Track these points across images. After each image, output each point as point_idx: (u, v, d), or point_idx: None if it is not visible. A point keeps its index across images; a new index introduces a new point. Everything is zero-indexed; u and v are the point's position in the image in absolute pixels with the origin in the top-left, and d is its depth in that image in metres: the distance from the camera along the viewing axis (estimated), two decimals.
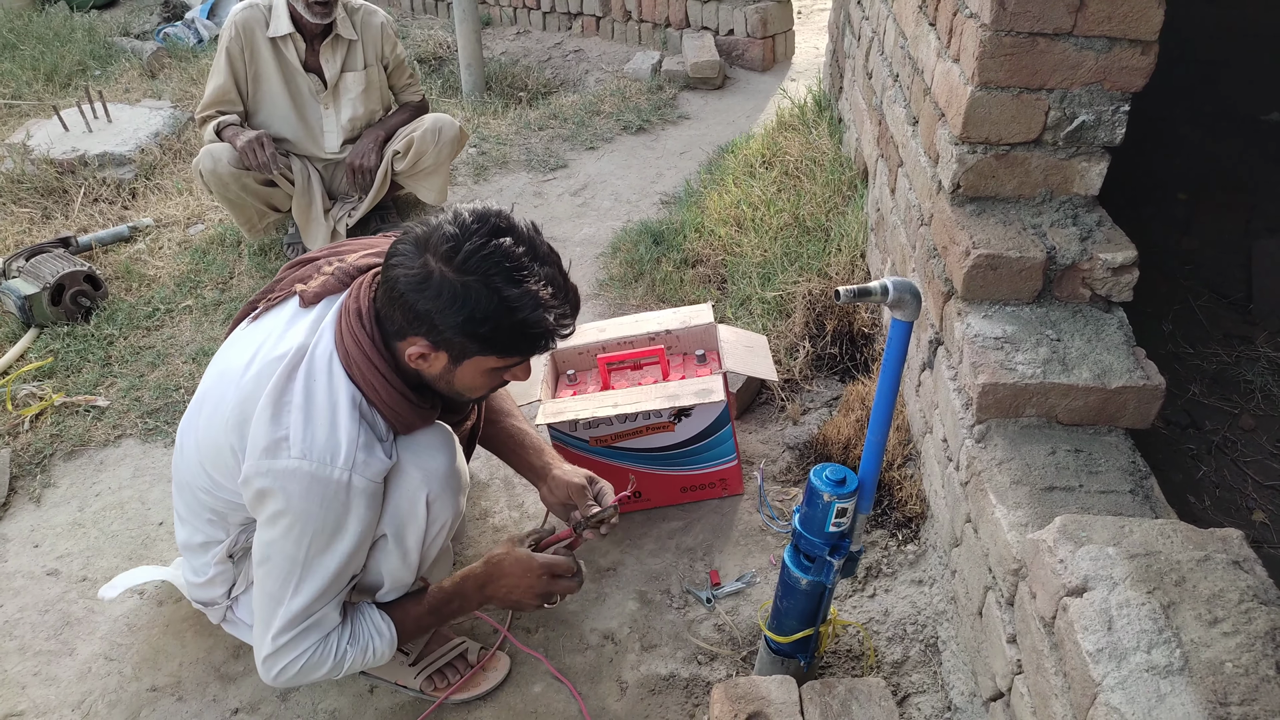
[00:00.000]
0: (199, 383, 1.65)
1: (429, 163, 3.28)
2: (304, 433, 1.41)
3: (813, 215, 2.99)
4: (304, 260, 1.68)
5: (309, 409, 1.42)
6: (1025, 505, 1.45)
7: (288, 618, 1.49)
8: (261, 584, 1.51)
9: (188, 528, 1.72)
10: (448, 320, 1.37)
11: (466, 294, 1.35)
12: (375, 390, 1.46)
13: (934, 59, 1.98)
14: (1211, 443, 2.24)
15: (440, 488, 1.58)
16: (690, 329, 2.25)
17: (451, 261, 1.36)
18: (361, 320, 1.46)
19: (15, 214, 3.68)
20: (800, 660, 1.67)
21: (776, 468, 2.29)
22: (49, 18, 6.25)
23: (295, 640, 1.51)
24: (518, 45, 5.60)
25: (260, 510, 1.47)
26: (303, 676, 1.54)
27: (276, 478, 1.41)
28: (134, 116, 4.34)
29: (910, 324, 1.34)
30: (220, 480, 1.56)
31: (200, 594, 1.80)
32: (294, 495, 1.41)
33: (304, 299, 1.55)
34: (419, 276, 1.36)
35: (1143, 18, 1.59)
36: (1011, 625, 1.42)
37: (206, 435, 1.55)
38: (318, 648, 1.53)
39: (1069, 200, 1.78)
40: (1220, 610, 1.11)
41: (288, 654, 1.51)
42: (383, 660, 1.63)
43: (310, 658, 1.53)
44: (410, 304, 1.38)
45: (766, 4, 4.76)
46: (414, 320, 1.40)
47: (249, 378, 1.47)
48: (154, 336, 2.98)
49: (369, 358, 1.45)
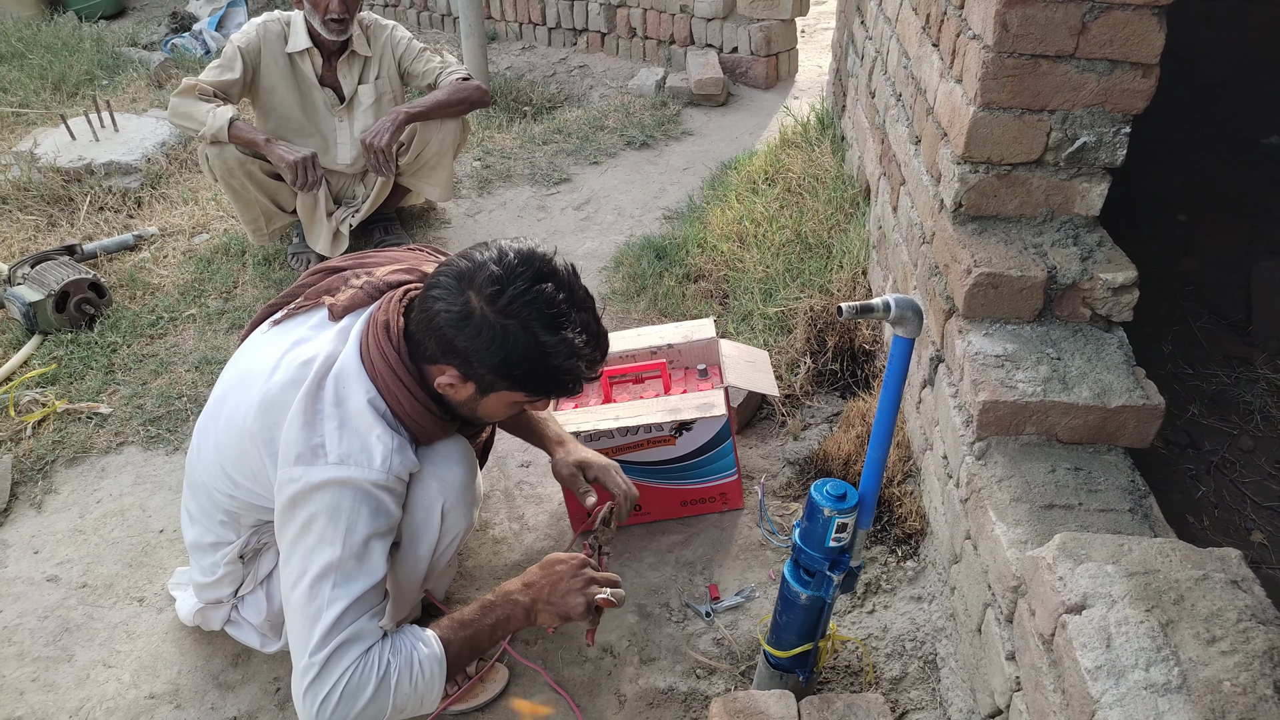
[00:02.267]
0: (205, 389, 1.66)
1: (433, 152, 3.28)
2: (339, 438, 1.41)
3: (815, 232, 3.01)
4: (328, 269, 1.69)
5: (342, 416, 1.44)
6: (1025, 523, 1.46)
7: (325, 628, 1.38)
8: (298, 606, 1.41)
9: (198, 527, 1.73)
10: (484, 359, 1.40)
11: (506, 336, 1.38)
12: (400, 403, 1.48)
13: (937, 79, 2.00)
14: (1210, 463, 2.25)
15: (456, 499, 1.59)
16: (692, 343, 2.26)
17: (495, 303, 1.38)
18: (389, 335, 1.48)
19: (21, 221, 3.70)
20: (799, 675, 1.67)
21: (777, 483, 2.30)
22: (57, 27, 6.29)
23: (335, 657, 1.38)
24: (523, 60, 5.64)
25: (291, 519, 1.42)
26: (346, 707, 1.38)
27: (313, 484, 1.39)
28: (140, 126, 4.36)
29: (912, 341, 1.35)
30: (241, 480, 1.56)
31: (207, 594, 1.80)
32: (331, 500, 1.40)
33: (334, 313, 1.56)
34: (460, 314, 1.39)
35: (1144, 41, 1.60)
36: (1010, 642, 1.42)
37: (227, 436, 1.55)
38: (359, 665, 1.39)
39: (1070, 220, 1.80)
40: (1218, 629, 1.12)
41: (329, 676, 1.37)
42: (433, 681, 1.46)
43: (352, 677, 1.39)
44: (448, 338, 1.41)
45: (770, 23, 4.80)
46: (449, 352, 1.43)
47: (275, 381, 1.48)
48: (157, 345, 2.99)
49: (395, 372, 1.47)
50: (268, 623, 1.80)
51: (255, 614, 1.80)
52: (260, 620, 1.80)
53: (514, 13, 5.90)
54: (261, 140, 3.00)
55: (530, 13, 5.79)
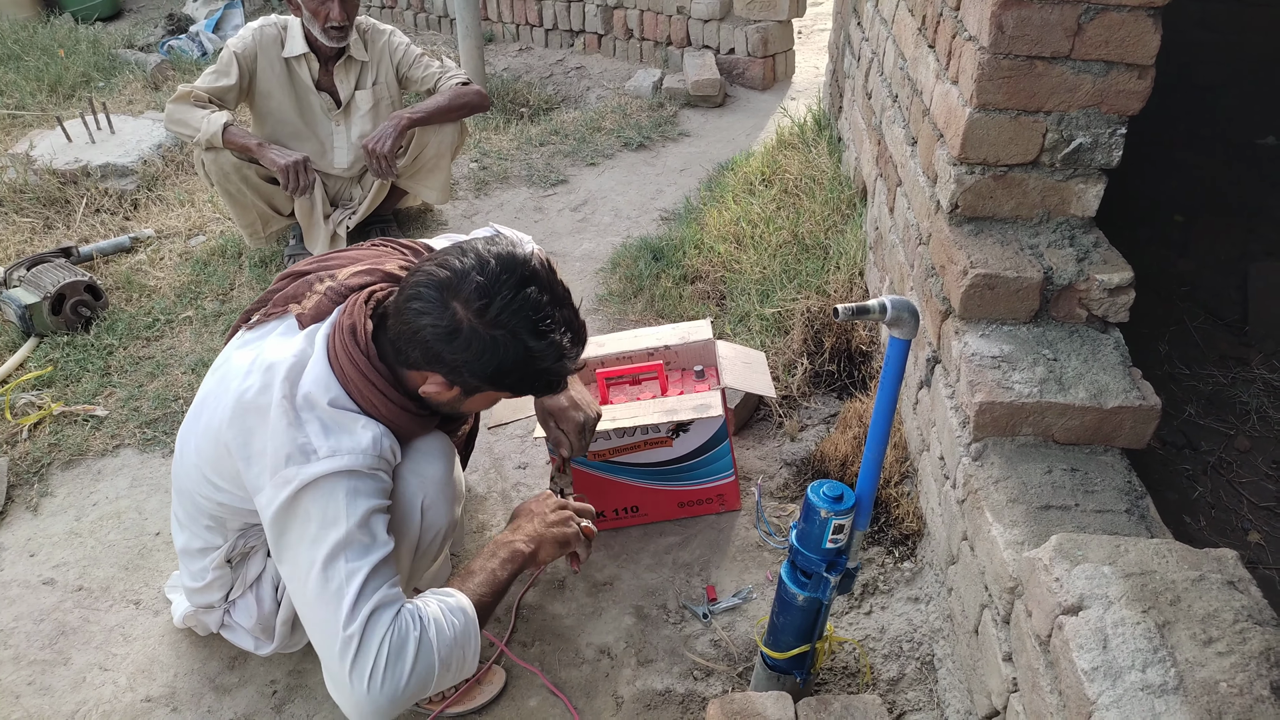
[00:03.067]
0: (198, 393, 1.66)
1: (431, 154, 3.28)
2: (325, 436, 1.42)
3: (811, 233, 3.01)
4: (294, 273, 1.70)
5: (321, 417, 1.44)
6: (1021, 524, 1.46)
7: (352, 601, 1.34)
8: (315, 593, 1.37)
9: (186, 533, 1.73)
10: (474, 370, 1.42)
11: (496, 347, 1.40)
12: (374, 406, 1.48)
13: (933, 80, 2.00)
14: (1207, 463, 2.25)
15: (436, 494, 1.59)
16: (689, 345, 2.26)
17: (484, 316, 1.38)
18: (358, 341, 1.48)
19: (17, 224, 3.69)
20: (796, 677, 1.67)
21: (774, 484, 2.30)
22: (54, 29, 6.28)
23: (370, 626, 1.34)
24: (520, 62, 5.64)
25: (291, 518, 1.40)
26: (394, 672, 1.34)
27: (308, 480, 1.39)
28: (137, 128, 4.36)
29: (908, 342, 1.35)
30: (220, 484, 1.57)
31: (198, 598, 1.80)
32: (326, 489, 1.40)
33: (302, 322, 1.57)
34: (448, 329, 1.39)
35: (1140, 43, 1.61)
36: (1007, 643, 1.42)
37: (206, 441, 1.56)
38: (393, 628, 1.36)
39: (1066, 221, 1.80)
40: (1215, 630, 1.12)
41: (369, 647, 1.33)
42: (468, 629, 1.45)
43: (392, 640, 1.35)
44: (436, 352, 1.41)
45: (767, 24, 4.80)
46: (435, 362, 1.43)
47: (247, 387, 1.48)
48: (153, 347, 2.98)
49: (367, 377, 1.47)
50: (259, 625, 1.79)
51: (246, 618, 1.79)
52: (251, 624, 1.79)
53: (511, 14, 5.90)
54: (254, 144, 3.01)
55: (527, 14, 5.79)
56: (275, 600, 1.77)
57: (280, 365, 1.47)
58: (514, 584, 1.64)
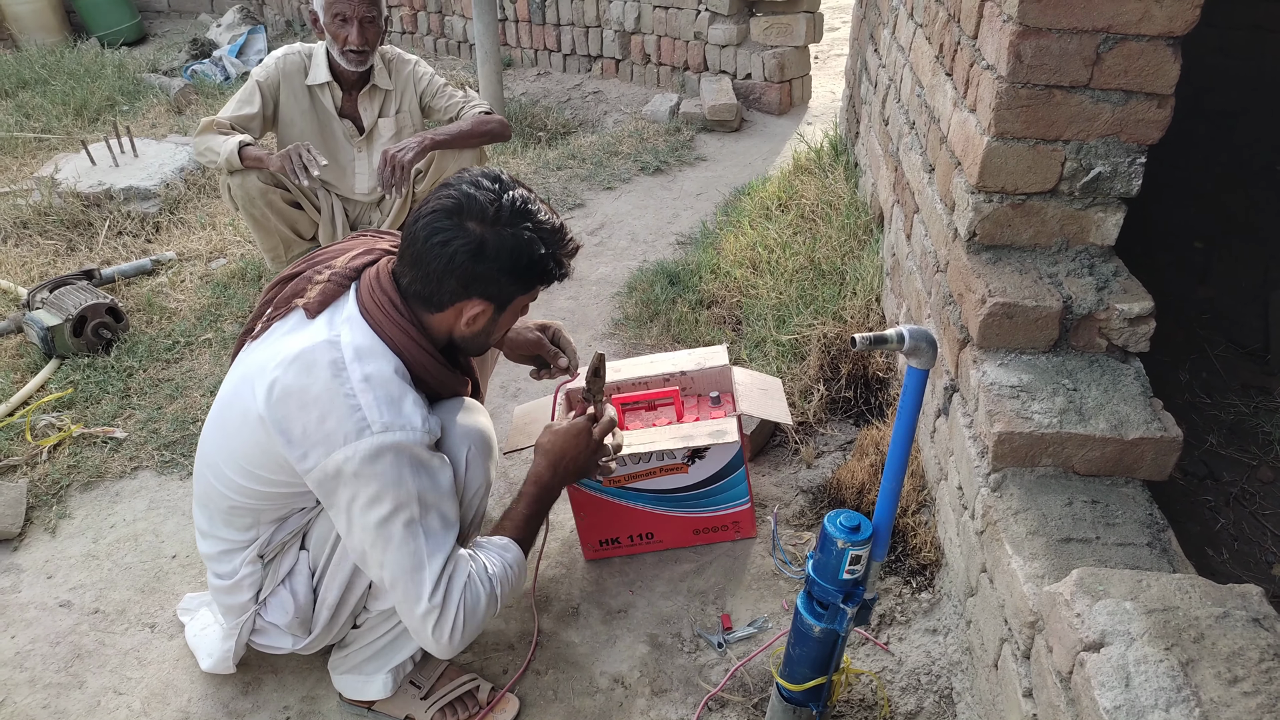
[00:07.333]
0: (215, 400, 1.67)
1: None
2: (379, 409, 1.47)
3: (828, 259, 3.00)
4: (284, 278, 1.70)
5: (374, 388, 1.48)
6: (1042, 556, 1.44)
7: (433, 580, 1.51)
8: (394, 566, 1.51)
9: (211, 540, 1.72)
10: (505, 269, 1.54)
11: (516, 243, 1.53)
12: (419, 361, 1.57)
13: (950, 109, 2.00)
14: (1230, 494, 2.22)
15: (478, 448, 1.68)
16: (705, 370, 2.26)
17: (498, 223, 1.52)
18: (392, 301, 1.56)
19: (41, 246, 3.74)
20: (813, 709, 1.65)
21: (790, 511, 2.28)
22: (80, 54, 6.39)
23: (448, 596, 1.52)
24: (538, 86, 5.68)
25: (359, 489, 1.48)
26: (470, 623, 1.55)
27: (368, 457, 1.45)
28: (160, 152, 4.41)
29: (926, 372, 1.34)
30: (261, 473, 1.57)
31: (227, 598, 1.76)
32: (392, 463, 1.46)
33: (309, 310, 1.58)
34: (476, 244, 1.51)
35: (1159, 72, 1.60)
36: (1028, 679, 1.40)
37: (238, 439, 1.57)
38: (466, 591, 1.54)
39: (1085, 250, 1.79)
40: (1240, 669, 1.10)
41: (449, 612, 1.52)
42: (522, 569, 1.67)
43: (466, 601, 1.54)
44: (469, 270, 1.52)
45: (784, 49, 4.82)
46: (471, 283, 1.53)
47: (282, 370, 1.49)
48: (173, 369, 3.01)
49: (408, 334, 1.56)
50: (296, 620, 1.74)
51: (282, 614, 1.74)
52: (289, 619, 1.74)
53: (529, 39, 5.96)
54: (265, 155, 3.04)
55: (545, 39, 5.85)
56: (311, 592, 1.73)
57: (307, 352, 1.49)
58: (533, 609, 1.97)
